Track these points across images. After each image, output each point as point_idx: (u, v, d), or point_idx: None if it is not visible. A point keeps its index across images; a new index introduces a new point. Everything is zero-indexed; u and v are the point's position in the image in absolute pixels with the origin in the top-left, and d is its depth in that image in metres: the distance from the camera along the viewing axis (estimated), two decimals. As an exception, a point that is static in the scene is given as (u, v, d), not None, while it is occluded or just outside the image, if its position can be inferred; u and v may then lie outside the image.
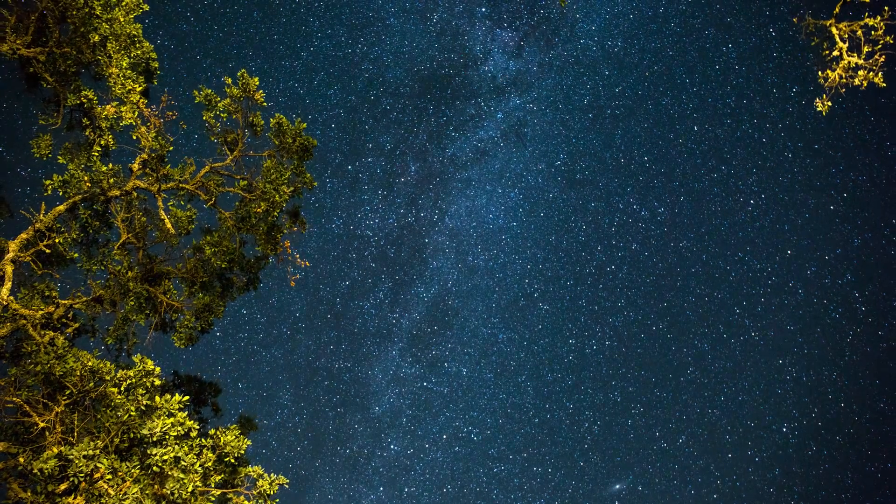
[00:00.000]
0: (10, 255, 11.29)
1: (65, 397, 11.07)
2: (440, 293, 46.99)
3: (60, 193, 12.80)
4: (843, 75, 11.49)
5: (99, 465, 10.65)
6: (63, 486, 10.60)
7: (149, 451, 11.16)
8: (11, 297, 11.50)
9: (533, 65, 44.81)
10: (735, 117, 43.13)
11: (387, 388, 46.05)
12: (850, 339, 42.86)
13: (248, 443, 12.02)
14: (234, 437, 11.97)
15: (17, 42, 11.71)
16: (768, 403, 44.26)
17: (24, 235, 11.92)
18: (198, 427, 11.57)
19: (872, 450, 42.34)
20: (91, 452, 10.58)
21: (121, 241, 13.70)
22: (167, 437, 11.20)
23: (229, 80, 14.61)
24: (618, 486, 45.19)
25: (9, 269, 11.15)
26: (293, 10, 40.74)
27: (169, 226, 13.61)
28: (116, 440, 11.24)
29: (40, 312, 11.77)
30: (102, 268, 13.68)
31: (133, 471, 10.83)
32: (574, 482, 45.26)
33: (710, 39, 42.47)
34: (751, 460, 43.78)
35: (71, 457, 10.48)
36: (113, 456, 11.06)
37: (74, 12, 12.06)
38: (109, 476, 10.76)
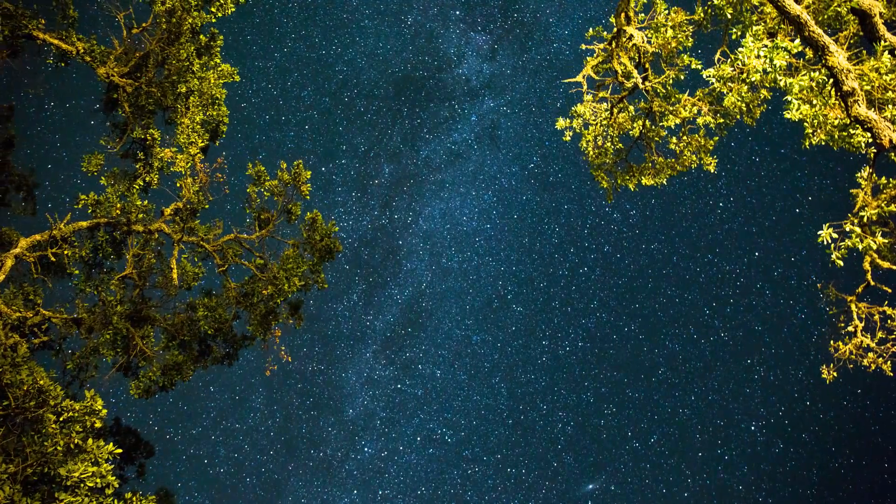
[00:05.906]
0: (17, 250, 11.26)
1: (0, 408, 10.47)
2: (414, 295, 46.26)
3: (89, 211, 13.00)
4: (854, 351, 11.73)
5: (0, 491, 9.86)
6: (-47, 502, 9.74)
7: (56, 495, 10.32)
8: (-4, 291, 11.32)
9: (507, 68, 44.99)
10: (704, 124, 44.66)
11: (360, 391, 44.99)
12: (815, 339, 43.53)
13: (160, 521, 11.10)
14: (147, 509, 11.07)
15: (115, 70, 12.50)
16: (737, 402, 44.84)
17: (37, 237, 11.95)
18: (116, 485, 10.80)
19: (837, 447, 43.15)
20: (-2, 475, 9.82)
21: (123, 273, 13.66)
22: (82, 485, 10.41)
23: (284, 164, 15.31)
24: (591, 486, 45.22)
25: (9, 262, 11.07)
26: (267, 10, 41.20)
27: (174, 276, 13.62)
28: (29, 470, 10.45)
29: (17, 314, 11.50)
30: (95, 293, 13.53)
31: (31, 509, 9.96)
32: (547, 482, 44.63)
33: (681, 47, 44.70)
34: (720, 459, 44.21)
35: (-24, 473, 9.72)
36: (17, 486, 10.24)
37: (175, 62, 12.97)
38: (4, 507, 9.92)
